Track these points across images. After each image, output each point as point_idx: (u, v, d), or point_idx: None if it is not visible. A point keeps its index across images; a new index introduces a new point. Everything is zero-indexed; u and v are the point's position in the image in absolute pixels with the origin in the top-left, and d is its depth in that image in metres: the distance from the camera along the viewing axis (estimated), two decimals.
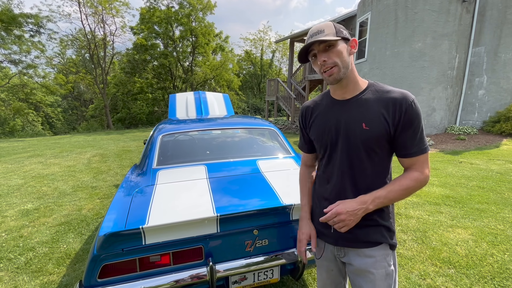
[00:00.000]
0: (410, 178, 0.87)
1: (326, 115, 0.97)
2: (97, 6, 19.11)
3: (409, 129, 0.86)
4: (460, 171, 4.71)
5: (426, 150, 0.88)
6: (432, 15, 7.54)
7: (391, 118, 0.85)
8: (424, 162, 0.89)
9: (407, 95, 0.86)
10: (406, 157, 0.89)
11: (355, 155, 0.90)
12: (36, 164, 6.33)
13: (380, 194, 0.86)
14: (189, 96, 4.34)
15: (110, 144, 9.88)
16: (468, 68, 8.17)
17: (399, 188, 0.86)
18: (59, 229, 2.93)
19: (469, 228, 2.72)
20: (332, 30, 0.85)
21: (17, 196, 4.04)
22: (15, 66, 17.74)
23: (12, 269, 2.24)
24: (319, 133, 0.98)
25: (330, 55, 0.85)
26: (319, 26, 0.86)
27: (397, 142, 0.89)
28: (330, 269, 1.06)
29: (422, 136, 0.89)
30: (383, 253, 0.93)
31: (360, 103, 0.90)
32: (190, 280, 1.22)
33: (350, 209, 0.86)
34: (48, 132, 20.65)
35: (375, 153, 0.89)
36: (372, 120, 0.86)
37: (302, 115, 1.09)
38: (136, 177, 1.87)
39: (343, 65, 0.86)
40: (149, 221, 1.22)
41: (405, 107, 0.84)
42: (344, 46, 0.86)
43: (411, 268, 2.11)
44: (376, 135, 0.86)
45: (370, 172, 0.91)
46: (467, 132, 7.83)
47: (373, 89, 0.91)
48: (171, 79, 23.02)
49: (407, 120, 0.85)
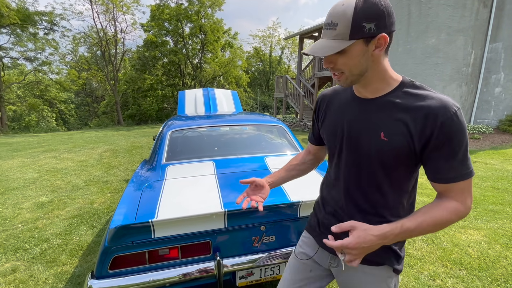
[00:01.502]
0: (448, 209, 0.67)
1: (341, 113, 0.81)
2: (108, 3, 19.41)
3: (446, 148, 0.65)
4: (474, 171, 4.58)
5: (470, 175, 0.67)
6: (447, 10, 7.31)
7: (418, 133, 0.66)
8: (466, 189, 0.68)
9: (448, 104, 0.64)
10: (440, 182, 0.69)
11: (367, 166, 0.75)
12: (50, 159, 6.52)
13: (408, 227, 0.67)
14: (198, 93, 4.37)
15: (121, 140, 10.08)
16: (485, 65, 7.89)
17: (432, 221, 0.67)
18: (72, 222, 3.02)
19: (482, 229, 2.65)
20: (347, 27, 0.62)
21: (33, 189, 4.18)
22: (30, 63, 18.27)
23: (28, 259, 2.33)
24: (329, 132, 0.85)
25: (338, 61, 0.68)
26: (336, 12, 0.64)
27: (427, 162, 0.69)
28: (309, 269, 0.92)
29: (466, 158, 0.67)
30: (384, 274, 0.81)
31: (383, 106, 0.71)
32: (198, 274, 1.23)
33: (366, 244, 0.66)
34: (62, 127, 21.22)
35: (391, 169, 0.72)
36: (393, 130, 0.68)
37: (317, 104, 0.93)
38: (145, 172, 1.91)
39: (353, 73, 0.69)
40: (158, 215, 1.25)
41: (442, 119, 0.63)
42: (362, 47, 0.65)
43: (420, 268, 2.08)
44: (395, 150, 0.69)
45: (384, 189, 0.75)
46: (482, 131, 7.59)
47: (405, 91, 0.71)
48: (180, 76, 23.21)
49: (443, 136, 0.64)
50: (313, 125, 1.00)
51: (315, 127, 0.97)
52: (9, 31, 16.31)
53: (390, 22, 0.65)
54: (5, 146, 8.92)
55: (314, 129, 0.99)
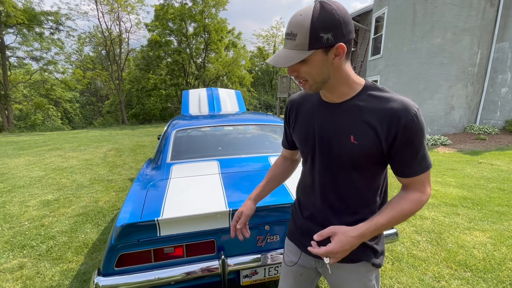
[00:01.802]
0: (412, 200, 0.75)
1: (311, 118, 0.83)
2: (113, 3, 19.55)
3: (409, 147, 0.71)
4: (479, 172, 4.54)
5: (429, 168, 0.75)
6: (453, 9, 7.23)
7: (384, 134, 0.70)
8: (426, 180, 0.76)
9: (408, 106, 0.69)
10: (406, 177, 0.76)
11: (339, 169, 0.78)
12: (56, 157, 6.59)
13: (382, 223, 0.73)
14: (202, 93, 4.38)
15: (125, 139, 10.15)
16: (491, 65, 7.80)
17: (401, 214, 0.74)
18: (77, 220, 3.05)
19: (488, 231, 2.62)
20: (305, 38, 0.64)
21: (39, 187, 4.24)
22: (36, 62, 18.49)
23: (35, 256, 2.36)
24: (300, 138, 0.87)
25: (301, 69, 0.70)
26: (295, 23, 0.65)
27: (393, 160, 0.75)
28: (299, 274, 0.97)
29: (425, 153, 0.74)
30: (364, 269, 0.86)
31: (350, 110, 0.75)
32: (202, 272, 1.24)
33: (347, 246, 0.72)
34: (67, 126, 21.43)
35: (362, 169, 0.77)
36: (362, 133, 0.73)
37: (286, 109, 0.95)
38: (150, 171, 1.92)
39: (316, 80, 0.71)
40: (163, 213, 1.26)
41: (404, 121, 0.69)
42: (322, 56, 0.67)
43: (425, 269, 2.07)
44: (365, 152, 0.73)
45: (358, 188, 0.79)
46: (487, 132, 7.51)
47: (369, 94, 0.75)
48: (184, 76, 23.30)
49: (406, 137, 0.70)
50: (285, 130, 1.02)
51: (287, 133, 1.00)
52: (15, 31, 16.53)
53: (348, 30, 0.67)
54: (12, 144, 9.04)
55: (286, 135, 1.02)
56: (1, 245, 2.53)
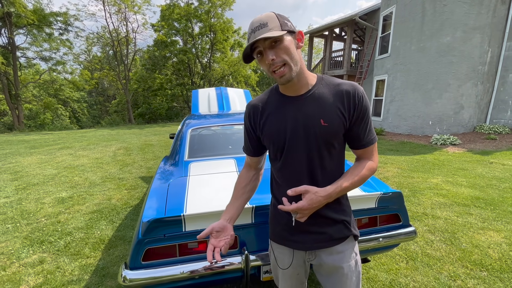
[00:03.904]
0: (367, 168, 0.89)
1: (280, 113, 0.89)
2: (120, 3, 19.74)
3: (362, 121, 0.86)
4: (491, 172, 4.49)
5: (376, 140, 0.92)
6: (463, 7, 7.14)
7: (346, 112, 0.84)
8: (374, 150, 0.93)
9: (357, 86, 0.85)
10: (360, 148, 0.91)
11: (316, 153, 0.87)
12: (67, 156, 6.71)
13: (346, 186, 0.85)
14: (211, 92, 4.42)
15: (133, 138, 10.27)
16: (502, 63, 7.69)
17: (360, 178, 0.87)
18: (92, 217, 3.12)
19: (502, 231, 2.60)
20: (276, 23, 0.76)
21: (52, 185, 4.32)
22: (46, 62, 18.78)
23: (53, 251, 2.42)
24: (274, 133, 0.90)
25: (278, 52, 0.77)
26: (261, 18, 0.77)
27: (351, 134, 0.89)
28: (296, 273, 1.02)
29: (372, 127, 0.91)
30: (350, 245, 0.97)
31: (314, 98, 0.85)
32: (225, 267, 1.27)
33: (316, 204, 0.82)
34: (75, 125, 21.75)
35: (334, 148, 0.88)
36: (330, 115, 0.84)
37: (249, 115, 0.97)
38: (169, 168, 1.96)
39: (294, 62, 0.79)
40: (187, 209, 1.29)
41: (358, 99, 0.84)
42: (291, 40, 0.78)
43: (440, 269, 2.07)
44: (335, 131, 0.85)
45: (330, 168, 0.89)
46: (498, 131, 7.40)
47: (324, 83, 0.88)
48: (189, 75, 23.43)
49: (360, 112, 0.85)
50: (247, 136, 1.02)
51: (251, 138, 1.01)
52: (25, 32, 16.82)
53: None
54: (23, 143, 9.22)
55: (250, 141, 1.01)
56: (20, 241, 2.60)
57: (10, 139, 10.50)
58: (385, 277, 1.98)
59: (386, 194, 1.46)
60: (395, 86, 8.78)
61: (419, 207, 3.18)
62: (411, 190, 3.76)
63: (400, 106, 8.65)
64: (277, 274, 1.07)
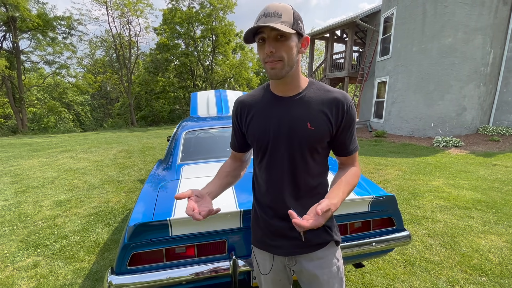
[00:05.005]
0: (356, 175, 0.90)
1: (267, 112, 0.88)
2: (123, 8, 19.95)
3: (349, 130, 0.87)
4: (494, 175, 4.41)
5: (358, 148, 0.94)
6: (464, 8, 7.10)
7: (334, 119, 0.84)
8: (357, 157, 0.95)
9: (346, 95, 0.86)
10: (346, 155, 0.92)
11: (299, 155, 0.86)
12: (68, 159, 6.75)
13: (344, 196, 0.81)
14: (210, 94, 4.42)
15: (134, 140, 10.31)
16: (504, 65, 7.61)
17: (353, 186, 0.87)
18: (89, 220, 3.11)
19: (504, 235, 2.54)
20: (290, 18, 0.73)
21: (52, 188, 4.34)
22: (49, 66, 19.00)
23: (48, 254, 2.42)
24: (259, 132, 0.89)
25: (280, 48, 0.75)
26: (278, 6, 0.74)
27: (337, 142, 0.89)
28: (278, 279, 1.00)
29: (355, 135, 0.92)
30: (331, 251, 0.94)
31: (303, 102, 0.85)
32: (213, 272, 1.25)
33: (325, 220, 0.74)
34: (78, 128, 21.93)
35: (317, 153, 0.87)
36: (317, 120, 0.83)
37: (236, 111, 0.96)
38: (161, 172, 1.94)
39: (289, 63, 0.78)
40: (175, 213, 1.27)
41: (346, 107, 0.84)
42: (296, 42, 0.77)
43: (438, 274, 2.02)
44: (321, 136, 0.84)
45: (312, 172, 0.88)
46: (501, 133, 7.31)
47: (315, 88, 0.87)
48: (191, 78, 23.55)
49: (348, 121, 0.85)
50: (235, 133, 1.02)
51: (237, 134, 1.00)
52: (30, 36, 17.05)
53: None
54: (26, 146, 9.30)
55: (236, 137, 1.02)
56: (16, 244, 2.60)
57: (13, 142, 10.61)
58: (381, 282, 1.94)
59: (378, 198, 1.43)
60: (397, 88, 8.73)
61: (419, 210, 3.13)
62: (411, 192, 3.71)
63: (402, 107, 8.59)
64: (260, 280, 1.05)
